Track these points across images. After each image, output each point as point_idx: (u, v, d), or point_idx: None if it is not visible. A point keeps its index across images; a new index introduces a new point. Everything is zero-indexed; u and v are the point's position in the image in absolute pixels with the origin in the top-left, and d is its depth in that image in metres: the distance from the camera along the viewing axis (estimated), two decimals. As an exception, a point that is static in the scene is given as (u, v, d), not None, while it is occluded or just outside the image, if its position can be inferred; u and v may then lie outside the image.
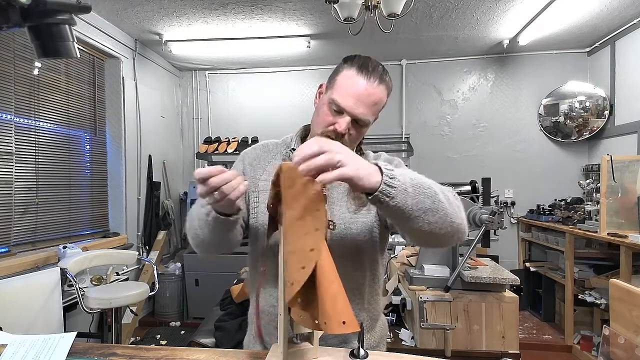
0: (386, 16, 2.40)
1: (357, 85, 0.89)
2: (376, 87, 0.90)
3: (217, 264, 3.79)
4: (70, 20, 0.74)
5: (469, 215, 1.90)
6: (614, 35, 3.49)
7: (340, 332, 0.65)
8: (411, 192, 0.72)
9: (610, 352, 1.10)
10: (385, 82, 0.92)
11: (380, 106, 0.94)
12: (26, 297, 2.06)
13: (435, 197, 0.75)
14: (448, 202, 0.77)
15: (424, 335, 1.80)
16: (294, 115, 4.42)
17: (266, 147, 1.09)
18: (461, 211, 0.81)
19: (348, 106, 0.89)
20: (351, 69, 0.91)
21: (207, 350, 0.88)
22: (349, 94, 0.89)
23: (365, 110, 0.90)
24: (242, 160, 1.08)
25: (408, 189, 0.72)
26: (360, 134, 0.95)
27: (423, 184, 0.75)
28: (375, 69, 0.91)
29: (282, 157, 1.04)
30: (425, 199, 0.74)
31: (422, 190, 0.74)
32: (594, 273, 3.07)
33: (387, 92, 0.94)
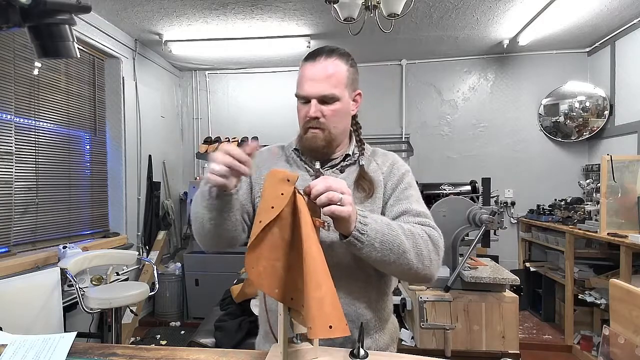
0: (386, 16, 2.40)
1: (306, 71, 0.97)
2: (323, 61, 0.95)
3: (217, 264, 3.80)
4: (70, 20, 0.75)
5: (469, 215, 1.90)
6: (614, 35, 3.49)
7: (326, 337, 0.65)
8: (378, 247, 0.83)
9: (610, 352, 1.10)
10: (336, 55, 0.97)
11: (339, 76, 0.96)
12: (26, 297, 2.06)
13: (402, 254, 0.85)
14: (417, 256, 0.87)
15: (424, 335, 1.80)
16: (294, 115, 4.30)
17: (269, 150, 1.14)
18: (428, 264, 0.89)
19: (305, 91, 0.96)
20: (303, 63, 0.99)
21: (207, 350, 0.88)
22: (302, 83, 0.97)
23: (323, 87, 0.94)
24: None
25: (375, 244, 0.82)
26: (335, 112, 0.97)
27: (393, 242, 0.84)
28: (321, 51, 0.97)
29: (285, 159, 1.08)
30: (391, 254, 0.84)
31: (389, 247, 0.83)
32: (594, 273, 3.07)
33: (343, 62, 0.97)
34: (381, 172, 1.03)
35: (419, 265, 0.87)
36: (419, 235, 0.89)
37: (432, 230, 0.93)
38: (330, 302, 0.67)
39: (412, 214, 0.96)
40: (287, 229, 0.77)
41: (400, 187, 1.01)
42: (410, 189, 1.01)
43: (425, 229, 0.92)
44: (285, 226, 0.77)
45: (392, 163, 1.05)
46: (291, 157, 1.06)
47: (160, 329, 3.69)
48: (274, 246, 0.77)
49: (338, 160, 1.03)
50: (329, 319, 0.66)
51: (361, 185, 0.98)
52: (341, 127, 1.01)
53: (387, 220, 0.88)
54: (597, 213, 2.87)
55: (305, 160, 1.04)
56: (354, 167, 1.03)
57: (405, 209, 0.97)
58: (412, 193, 1.01)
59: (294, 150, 1.06)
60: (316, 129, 0.97)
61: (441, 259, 0.94)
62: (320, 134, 0.97)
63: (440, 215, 1.90)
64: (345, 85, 0.97)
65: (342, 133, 1.02)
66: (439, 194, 2.76)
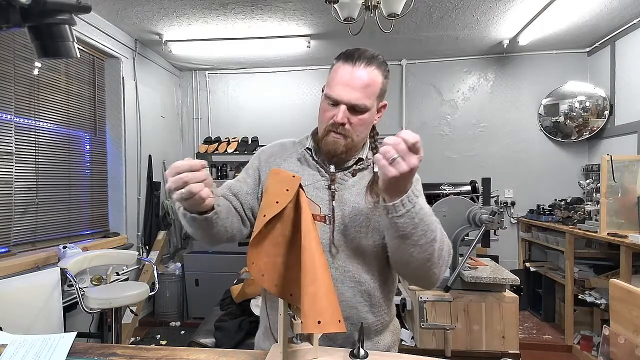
0: (386, 16, 2.40)
1: (343, 74, 0.93)
2: (363, 69, 0.92)
3: (217, 264, 3.80)
4: (70, 20, 0.75)
5: (469, 215, 1.90)
6: (614, 35, 3.49)
7: (316, 332, 0.65)
8: (417, 222, 0.80)
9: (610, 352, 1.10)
10: (376, 64, 0.93)
11: (374, 88, 0.94)
12: (26, 297, 2.06)
13: (431, 242, 0.83)
14: (438, 252, 0.85)
15: (424, 335, 1.80)
16: (294, 115, 4.43)
17: (283, 145, 1.11)
18: (442, 266, 0.88)
19: (338, 95, 0.93)
20: (339, 62, 0.95)
21: (207, 350, 0.88)
22: (337, 84, 0.93)
23: (357, 95, 0.92)
24: (258, 157, 1.10)
25: (415, 219, 0.79)
26: (362, 121, 0.95)
27: (429, 225, 0.82)
28: (362, 55, 0.93)
29: (297, 156, 1.05)
30: (423, 237, 0.81)
31: (424, 228, 0.81)
32: (594, 273, 3.07)
33: (381, 72, 0.95)
34: None
35: (435, 261, 0.86)
36: (445, 237, 0.89)
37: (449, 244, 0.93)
38: (324, 297, 0.67)
39: None
40: (288, 226, 0.77)
41: None
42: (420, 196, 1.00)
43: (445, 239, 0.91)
44: (287, 223, 0.77)
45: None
46: (303, 155, 1.05)
47: (160, 329, 3.69)
48: (276, 242, 0.77)
49: (350, 164, 1.02)
50: (321, 314, 0.65)
51: (375, 191, 0.97)
52: (363, 136, 1.00)
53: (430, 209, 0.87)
54: (597, 213, 2.87)
55: (318, 160, 1.02)
56: (366, 172, 1.02)
57: None
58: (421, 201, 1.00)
59: (306, 149, 1.04)
60: (339, 134, 0.95)
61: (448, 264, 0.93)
62: (342, 141, 0.95)
63: (440, 215, 1.89)
64: (376, 97, 0.96)
65: (362, 141, 1.01)
66: (439, 194, 2.76)
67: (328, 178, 1.00)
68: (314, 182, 1.00)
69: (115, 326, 2.48)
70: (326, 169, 1.01)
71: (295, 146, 1.09)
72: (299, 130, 1.13)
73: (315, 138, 1.04)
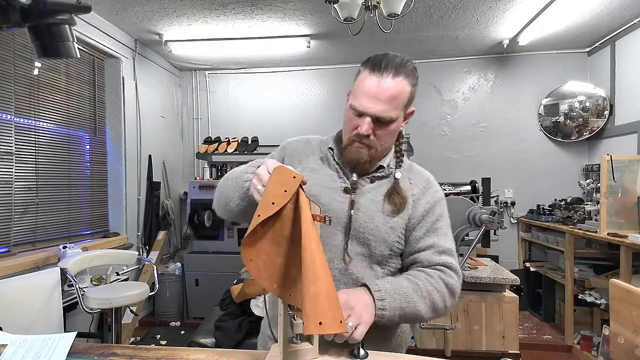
0: (386, 16, 2.40)
1: (369, 85, 0.90)
2: (390, 81, 0.89)
3: (217, 264, 3.80)
4: (70, 20, 0.75)
5: (469, 215, 1.90)
6: (614, 35, 3.49)
7: (317, 333, 0.65)
8: (397, 320, 0.90)
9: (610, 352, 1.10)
10: (403, 74, 0.91)
11: (401, 100, 0.92)
12: (26, 297, 2.06)
13: (417, 317, 0.92)
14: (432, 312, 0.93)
15: (424, 335, 1.80)
16: (294, 115, 4.42)
17: (308, 141, 1.11)
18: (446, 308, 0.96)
19: (364, 107, 0.91)
20: (365, 71, 0.93)
21: (207, 350, 0.88)
22: (363, 95, 0.91)
23: (383, 107, 0.90)
24: (283, 149, 1.11)
25: (395, 319, 0.89)
26: (387, 132, 0.95)
27: (410, 313, 0.89)
28: (390, 64, 0.90)
29: (320, 155, 1.06)
30: (407, 320, 0.94)
31: (406, 317, 0.90)
32: (594, 273, 3.07)
33: (409, 82, 0.92)
34: (412, 192, 1.00)
35: (430, 317, 0.94)
36: (436, 292, 0.92)
37: (452, 276, 0.96)
38: (326, 297, 0.67)
39: (437, 251, 0.96)
40: (288, 226, 0.77)
41: (431, 217, 0.98)
42: (440, 220, 0.99)
43: (445, 278, 0.94)
44: (287, 222, 0.77)
45: (427, 186, 1.02)
46: (325, 155, 1.04)
47: (160, 329, 3.69)
48: (275, 242, 0.77)
49: (370, 171, 1.01)
50: (322, 315, 0.65)
51: (393, 200, 0.96)
52: (387, 145, 0.99)
53: (404, 290, 0.90)
54: (597, 213, 2.87)
55: (339, 162, 1.02)
56: (386, 180, 1.01)
57: (431, 244, 0.96)
58: (442, 225, 0.99)
59: (329, 148, 1.04)
60: (363, 145, 0.94)
61: (456, 300, 0.98)
62: (366, 151, 0.95)
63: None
64: (403, 107, 0.94)
65: (387, 149, 1.01)
66: (439, 194, 2.76)
67: (345, 181, 1.00)
68: (331, 183, 1.00)
69: (115, 326, 2.48)
70: (345, 172, 1.01)
71: (320, 144, 1.08)
72: (299, 130, 1.14)
73: (338, 141, 1.03)
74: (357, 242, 0.96)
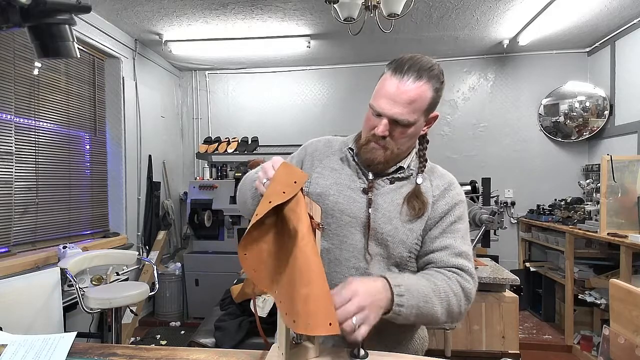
0: (386, 16, 2.40)
1: (389, 87, 0.91)
2: (410, 85, 0.89)
3: (217, 264, 3.80)
4: (70, 20, 0.75)
5: (469, 215, 1.90)
6: (614, 35, 3.49)
7: (306, 333, 0.66)
8: (412, 319, 0.85)
9: (610, 352, 1.10)
10: (426, 77, 0.90)
11: (421, 103, 0.91)
12: (26, 297, 2.06)
13: (433, 319, 0.88)
14: (447, 315, 0.89)
15: (424, 335, 1.80)
16: (294, 115, 4.42)
17: (329, 142, 1.12)
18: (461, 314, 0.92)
19: (381, 108, 0.91)
20: (388, 72, 0.93)
21: (207, 350, 0.88)
22: (381, 96, 0.92)
23: (400, 110, 0.90)
24: (305, 148, 1.12)
25: (411, 317, 0.84)
26: (404, 135, 0.94)
27: (427, 313, 0.85)
28: (412, 67, 0.90)
29: (340, 155, 1.06)
30: (423, 320, 0.90)
31: (423, 317, 0.86)
32: (594, 273, 3.07)
33: (431, 86, 0.91)
34: (432, 194, 0.99)
35: (445, 320, 0.90)
36: (453, 294, 0.88)
37: (468, 280, 0.92)
38: (317, 299, 0.67)
39: (453, 252, 0.94)
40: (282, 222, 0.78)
41: (449, 218, 0.97)
42: (459, 222, 0.98)
43: (460, 280, 0.91)
44: (281, 218, 0.78)
45: (448, 188, 1.01)
46: (345, 155, 1.05)
47: (160, 329, 3.69)
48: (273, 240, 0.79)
49: (390, 171, 1.00)
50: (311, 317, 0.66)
51: (412, 204, 0.95)
52: (405, 148, 0.98)
53: (423, 289, 0.86)
54: (597, 213, 2.87)
55: (358, 162, 1.02)
56: (406, 182, 1.00)
57: (448, 245, 0.94)
58: (460, 227, 0.97)
59: (348, 149, 1.04)
60: (379, 145, 0.94)
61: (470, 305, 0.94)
62: (382, 152, 0.95)
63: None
64: (423, 111, 0.93)
65: (405, 151, 1.00)
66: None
67: (365, 181, 1.00)
68: (350, 183, 1.00)
69: (115, 326, 2.48)
70: (365, 172, 1.01)
71: (340, 145, 1.09)
72: (299, 130, 1.14)
73: (358, 141, 1.03)
74: (376, 242, 0.95)
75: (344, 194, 0.97)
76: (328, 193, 1.00)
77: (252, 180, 0.99)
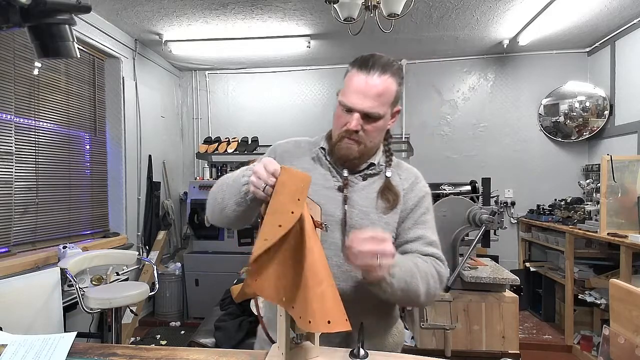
0: (386, 16, 2.40)
1: (358, 82, 0.94)
2: (377, 78, 0.93)
3: (217, 264, 3.80)
4: (70, 20, 0.74)
5: (469, 215, 1.90)
6: (614, 35, 3.49)
7: (325, 331, 0.67)
8: (399, 294, 0.87)
9: (610, 352, 1.10)
10: (390, 72, 0.94)
11: (388, 97, 0.95)
12: (26, 297, 2.06)
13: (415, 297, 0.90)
14: (426, 295, 0.92)
15: (424, 335, 1.80)
16: (294, 115, 4.42)
17: (298, 143, 1.12)
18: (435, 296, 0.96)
19: (353, 103, 0.94)
20: (353, 69, 0.96)
21: (207, 350, 0.88)
22: (352, 92, 0.95)
23: (371, 103, 0.93)
24: (274, 151, 1.11)
25: (398, 292, 0.87)
26: (375, 128, 0.97)
27: (412, 289, 0.88)
28: (377, 62, 0.94)
29: (311, 155, 1.07)
30: (407, 298, 0.90)
31: (408, 294, 0.88)
32: (594, 273, 3.07)
33: (395, 80, 0.96)
34: (402, 187, 1.04)
35: (424, 301, 0.93)
36: (431, 276, 0.93)
37: (441, 265, 0.98)
38: (331, 297, 0.68)
39: (425, 242, 1.00)
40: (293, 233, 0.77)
41: (419, 210, 1.03)
42: (428, 213, 1.04)
43: (436, 266, 0.96)
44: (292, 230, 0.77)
45: (415, 181, 1.06)
46: (317, 155, 1.06)
47: (160, 329, 3.69)
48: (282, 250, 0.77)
49: (362, 168, 1.04)
50: (329, 315, 0.66)
51: (386, 196, 1.00)
52: (376, 141, 1.02)
53: (409, 265, 0.90)
54: (597, 213, 2.87)
55: (331, 161, 1.04)
56: (377, 177, 1.04)
57: (420, 235, 1.00)
58: (429, 218, 1.04)
59: (320, 148, 1.06)
60: (353, 140, 0.97)
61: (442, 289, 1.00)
62: (356, 147, 0.98)
63: (440, 215, 1.90)
64: (390, 104, 0.97)
65: (375, 146, 1.04)
66: (439, 194, 2.76)
67: (339, 179, 1.02)
68: (325, 182, 1.02)
69: (115, 326, 2.48)
70: (338, 170, 1.03)
71: (309, 145, 1.10)
72: (299, 131, 1.14)
73: (330, 140, 1.05)
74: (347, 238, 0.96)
75: (320, 194, 0.98)
76: None
77: (235, 184, 0.91)
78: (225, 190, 0.95)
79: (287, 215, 0.74)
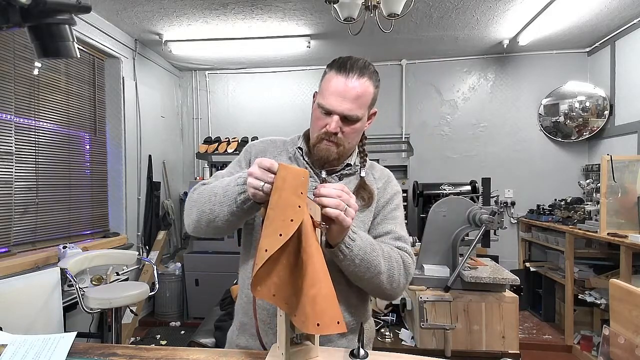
0: (386, 16, 2.40)
1: (337, 85, 0.95)
2: (355, 81, 0.94)
3: (217, 264, 3.80)
4: (70, 20, 0.74)
5: (469, 215, 1.90)
6: (614, 35, 3.49)
7: (314, 333, 0.67)
8: (358, 262, 0.88)
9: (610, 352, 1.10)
10: (367, 75, 0.95)
11: (366, 99, 0.96)
12: (26, 297, 2.06)
13: (376, 275, 0.91)
14: (388, 279, 0.93)
15: (424, 335, 1.80)
16: (294, 115, 4.42)
17: (273, 142, 1.12)
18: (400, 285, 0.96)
19: (332, 105, 0.95)
20: (331, 71, 0.97)
21: (207, 350, 0.88)
22: (330, 94, 0.95)
23: (349, 106, 0.94)
24: (249, 151, 1.11)
25: (356, 260, 0.88)
26: (354, 130, 0.98)
27: (372, 262, 0.89)
28: (354, 65, 0.95)
29: (288, 155, 1.07)
30: (367, 272, 0.90)
31: (367, 265, 0.89)
32: (594, 273, 3.07)
33: (372, 83, 0.97)
34: (376, 186, 1.06)
35: (387, 286, 0.94)
36: (395, 260, 0.95)
37: (408, 256, 0.99)
38: (325, 299, 0.68)
39: (394, 236, 1.02)
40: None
41: (389, 207, 1.05)
42: (397, 210, 1.07)
43: (402, 255, 0.98)
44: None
45: (388, 180, 1.09)
46: (294, 154, 1.07)
47: (160, 329, 3.69)
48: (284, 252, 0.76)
49: (338, 168, 1.05)
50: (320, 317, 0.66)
51: (361, 195, 1.01)
52: (354, 143, 1.03)
53: (372, 240, 0.93)
54: (597, 213, 2.87)
55: (308, 161, 1.05)
56: (352, 177, 1.06)
57: (389, 230, 1.02)
58: (399, 215, 1.07)
59: (297, 148, 1.06)
60: (331, 142, 0.98)
61: (408, 283, 1.00)
62: (334, 148, 0.98)
63: (440, 215, 1.90)
64: (367, 106, 0.98)
65: (353, 147, 1.05)
66: (439, 194, 2.76)
67: (316, 179, 1.03)
68: None
69: (115, 326, 2.48)
70: (315, 171, 1.04)
71: (285, 145, 1.11)
72: (299, 131, 1.13)
73: (307, 140, 1.06)
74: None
75: None
76: None
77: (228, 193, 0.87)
78: (215, 200, 0.89)
79: (295, 209, 0.73)
